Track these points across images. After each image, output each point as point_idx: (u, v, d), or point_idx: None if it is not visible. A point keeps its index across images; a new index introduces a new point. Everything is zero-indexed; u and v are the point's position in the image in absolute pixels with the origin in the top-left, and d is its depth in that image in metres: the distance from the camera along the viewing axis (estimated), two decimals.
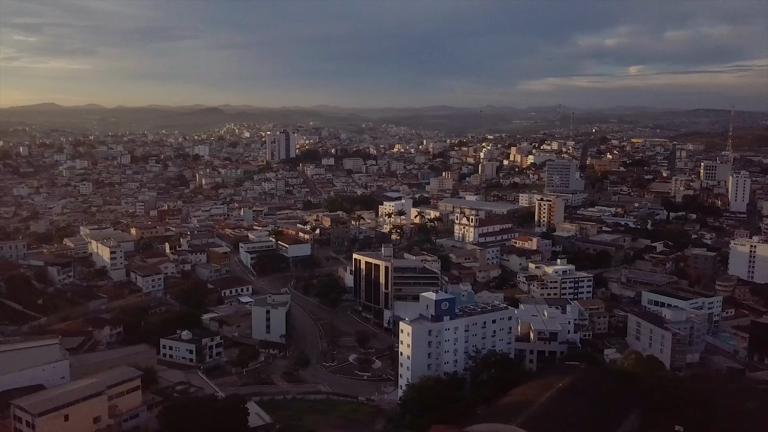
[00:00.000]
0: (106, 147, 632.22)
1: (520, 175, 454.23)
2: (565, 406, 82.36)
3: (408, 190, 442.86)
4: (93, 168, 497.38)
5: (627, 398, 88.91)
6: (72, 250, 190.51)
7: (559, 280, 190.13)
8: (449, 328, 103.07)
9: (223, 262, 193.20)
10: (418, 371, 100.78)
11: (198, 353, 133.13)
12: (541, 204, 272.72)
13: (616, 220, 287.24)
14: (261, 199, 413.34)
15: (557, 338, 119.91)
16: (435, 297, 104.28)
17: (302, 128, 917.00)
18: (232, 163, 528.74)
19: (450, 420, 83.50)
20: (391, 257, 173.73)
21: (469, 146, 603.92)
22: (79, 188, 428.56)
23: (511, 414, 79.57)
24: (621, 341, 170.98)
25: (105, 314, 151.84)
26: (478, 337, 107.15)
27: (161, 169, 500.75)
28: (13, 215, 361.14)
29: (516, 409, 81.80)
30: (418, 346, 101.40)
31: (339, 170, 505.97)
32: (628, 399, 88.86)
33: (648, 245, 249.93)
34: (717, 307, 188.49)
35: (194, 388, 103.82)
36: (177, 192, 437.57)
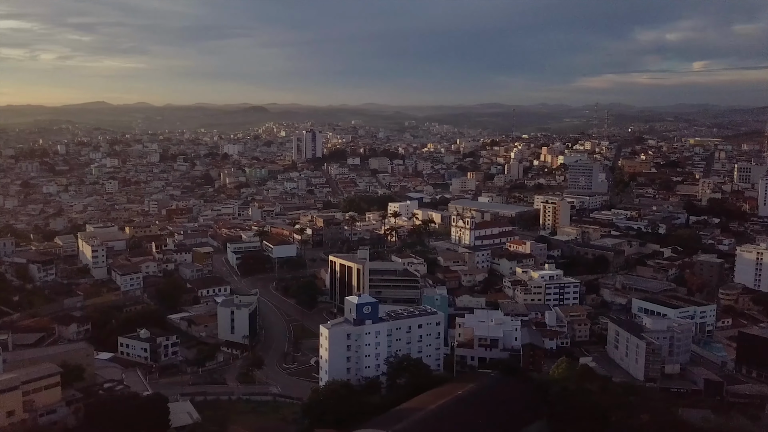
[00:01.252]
0: (142, 145, 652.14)
1: (546, 176, 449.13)
2: (454, 414, 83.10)
3: (432, 191, 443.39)
4: (122, 166, 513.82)
5: (529, 408, 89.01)
6: (60, 249, 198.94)
7: (543, 286, 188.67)
8: (370, 332, 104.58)
9: (206, 262, 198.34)
10: (336, 375, 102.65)
11: (153, 352, 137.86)
12: (546, 206, 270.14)
13: (628, 224, 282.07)
14: (281, 198, 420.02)
15: (498, 345, 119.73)
16: (356, 301, 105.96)
17: (339, 127, 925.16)
18: (259, 162, 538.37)
19: (341, 425, 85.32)
20: (366, 259, 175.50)
21: (501, 146, 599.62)
22: (105, 186, 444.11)
23: (393, 421, 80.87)
24: (601, 350, 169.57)
25: (77, 312, 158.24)
26: (402, 342, 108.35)
27: (188, 168, 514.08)
28: (39, 212, 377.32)
29: (404, 415, 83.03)
30: (336, 350, 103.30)
31: (364, 170, 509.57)
32: (530, 408, 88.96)
33: (655, 251, 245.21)
34: (710, 317, 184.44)
35: (121, 386, 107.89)
36: (201, 191, 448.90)
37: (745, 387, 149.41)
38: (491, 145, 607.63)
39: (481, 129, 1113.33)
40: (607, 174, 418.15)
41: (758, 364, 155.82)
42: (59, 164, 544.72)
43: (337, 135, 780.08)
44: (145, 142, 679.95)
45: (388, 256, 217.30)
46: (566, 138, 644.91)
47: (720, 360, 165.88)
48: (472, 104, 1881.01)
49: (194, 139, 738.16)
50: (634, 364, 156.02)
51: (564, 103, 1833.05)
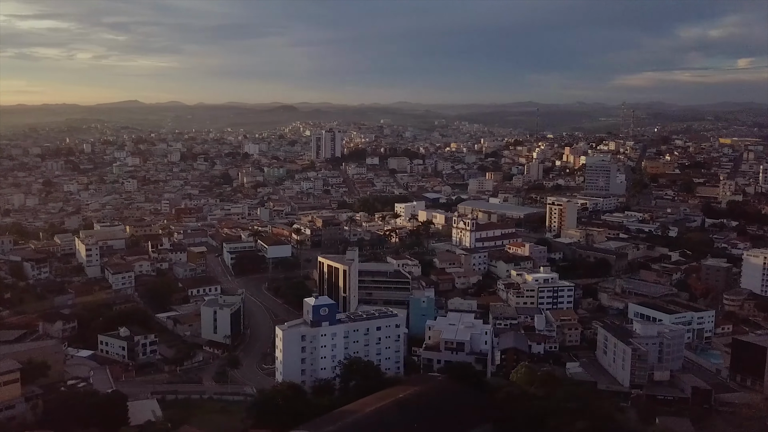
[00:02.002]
0: (166, 144, 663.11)
1: (566, 177, 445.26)
2: (389, 417, 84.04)
3: (450, 191, 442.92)
4: (142, 165, 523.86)
5: (474, 412, 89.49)
6: (59, 247, 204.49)
7: (536, 289, 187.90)
8: (326, 334, 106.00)
9: (199, 261, 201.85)
10: (290, 376, 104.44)
11: (130, 350, 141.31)
12: (552, 208, 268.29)
13: (639, 227, 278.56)
14: (297, 198, 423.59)
15: (464, 348, 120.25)
16: (313, 302, 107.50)
17: (365, 126, 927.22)
18: (278, 161, 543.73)
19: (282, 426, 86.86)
20: (354, 260, 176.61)
21: (524, 146, 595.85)
22: (124, 185, 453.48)
23: (327, 423, 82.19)
24: (591, 355, 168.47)
25: (65, 309, 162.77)
26: (360, 344, 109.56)
27: (208, 167, 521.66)
28: (59, 210, 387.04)
29: (339, 418, 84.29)
30: (290, 351, 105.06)
31: (383, 170, 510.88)
32: (474, 412, 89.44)
33: (663, 254, 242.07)
34: (708, 323, 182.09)
35: (84, 383, 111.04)
36: (219, 190, 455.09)
37: (734, 395, 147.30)
38: (514, 145, 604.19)
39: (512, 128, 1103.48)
40: (627, 175, 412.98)
41: (752, 372, 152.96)
42: (84, 163, 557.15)
43: (361, 134, 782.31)
44: (170, 141, 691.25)
45: (385, 257, 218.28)
46: (591, 138, 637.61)
47: (714, 367, 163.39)
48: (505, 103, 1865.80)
49: (219, 138, 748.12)
50: (621, 370, 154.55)
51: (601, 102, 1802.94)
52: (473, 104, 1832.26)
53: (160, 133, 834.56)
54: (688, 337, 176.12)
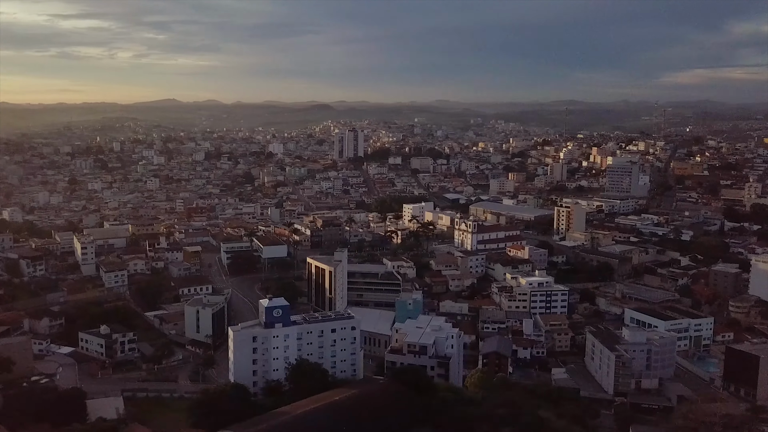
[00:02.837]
0: (195, 143, 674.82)
1: (590, 178, 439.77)
2: (319, 419, 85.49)
3: (472, 192, 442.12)
4: (167, 164, 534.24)
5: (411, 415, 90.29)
6: (58, 245, 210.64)
7: (529, 293, 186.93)
8: (278, 336, 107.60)
9: (193, 261, 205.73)
10: (241, 377, 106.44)
11: (108, 348, 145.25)
12: (560, 211, 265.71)
13: (653, 230, 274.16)
14: (315, 198, 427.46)
15: (427, 352, 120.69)
16: (266, 304, 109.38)
17: (396, 125, 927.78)
18: (301, 161, 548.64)
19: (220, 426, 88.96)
20: (341, 261, 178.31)
21: (552, 145, 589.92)
22: (147, 184, 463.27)
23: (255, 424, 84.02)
24: (580, 361, 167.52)
25: (55, 307, 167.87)
26: (314, 346, 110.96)
27: (231, 167, 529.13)
28: (82, 208, 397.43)
29: (267, 419, 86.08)
30: (241, 352, 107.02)
31: (405, 170, 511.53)
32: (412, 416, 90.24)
33: (673, 258, 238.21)
34: (707, 330, 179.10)
35: (47, 380, 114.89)
36: (240, 189, 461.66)
37: (721, 406, 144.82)
38: (542, 145, 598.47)
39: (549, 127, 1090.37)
40: (653, 176, 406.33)
41: (745, 381, 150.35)
42: (113, 161, 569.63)
43: (390, 134, 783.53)
44: (199, 140, 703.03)
45: (382, 258, 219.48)
46: (622, 138, 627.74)
47: (708, 376, 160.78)
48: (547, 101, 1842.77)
49: (248, 137, 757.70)
50: (606, 377, 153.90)
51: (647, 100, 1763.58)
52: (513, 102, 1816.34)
53: (191, 132, 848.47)
54: (684, 344, 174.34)
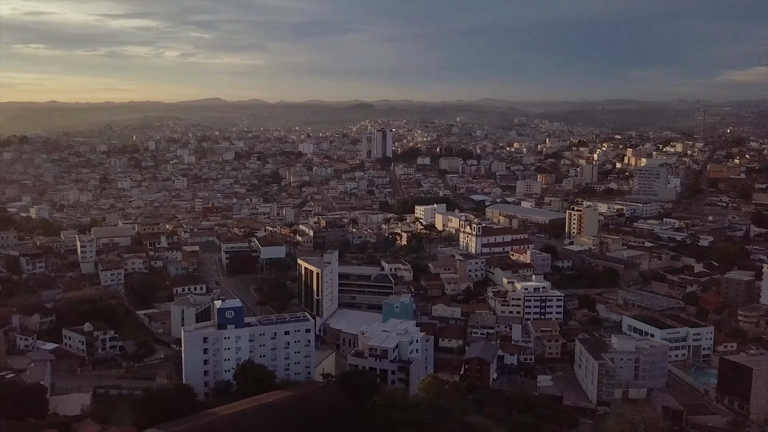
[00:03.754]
0: (229, 142, 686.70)
1: (620, 181, 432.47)
2: (244, 420, 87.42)
3: (500, 193, 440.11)
4: (197, 163, 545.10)
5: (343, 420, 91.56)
6: (62, 243, 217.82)
7: (523, 298, 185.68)
8: (229, 337, 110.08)
9: (191, 260, 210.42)
10: (192, 377, 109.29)
11: (89, 345, 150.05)
12: (571, 214, 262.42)
13: (672, 235, 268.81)
14: (339, 198, 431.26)
15: (388, 356, 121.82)
16: (219, 305, 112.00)
17: (433, 125, 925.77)
18: (329, 161, 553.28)
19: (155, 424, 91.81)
20: (330, 263, 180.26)
21: (588, 146, 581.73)
22: (175, 183, 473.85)
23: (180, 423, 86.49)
24: (569, 368, 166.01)
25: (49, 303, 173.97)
26: (267, 348, 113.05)
27: (259, 166, 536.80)
28: (110, 207, 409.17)
29: (196, 419, 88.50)
30: (192, 352, 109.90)
31: (433, 170, 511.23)
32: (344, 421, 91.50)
33: (687, 265, 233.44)
34: (707, 339, 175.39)
35: (12, 375, 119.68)
36: (266, 189, 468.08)
37: (709, 418, 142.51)
38: (577, 146, 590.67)
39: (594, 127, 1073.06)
40: (686, 179, 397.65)
41: (738, 394, 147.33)
42: (147, 160, 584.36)
43: (425, 133, 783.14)
44: (233, 139, 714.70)
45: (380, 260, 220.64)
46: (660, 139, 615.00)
47: (703, 388, 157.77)
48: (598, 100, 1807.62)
49: (282, 137, 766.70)
50: (591, 385, 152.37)
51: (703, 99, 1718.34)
52: (563, 101, 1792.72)
53: (229, 131, 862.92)
54: (682, 354, 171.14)
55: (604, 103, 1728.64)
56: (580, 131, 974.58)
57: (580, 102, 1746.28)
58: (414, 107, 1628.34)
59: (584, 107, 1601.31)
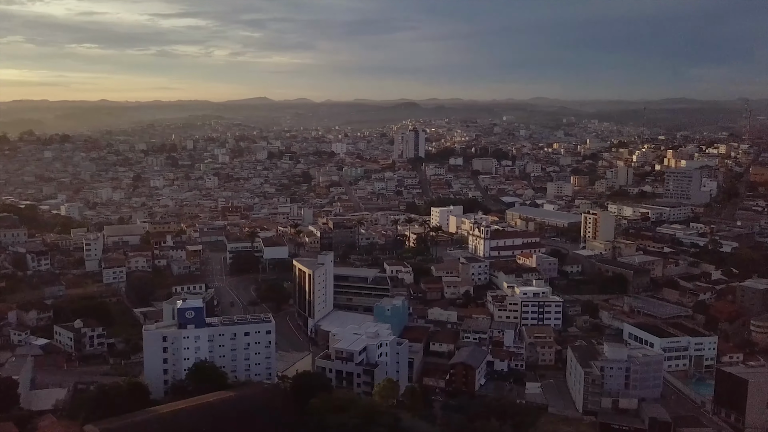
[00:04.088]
0: (266, 142, 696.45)
1: (656, 183, 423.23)
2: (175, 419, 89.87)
3: (532, 195, 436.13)
4: (230, 163, 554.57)
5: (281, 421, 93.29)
6: (71, 241, 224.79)
7: (520, 303, 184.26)
8: (189, 337, 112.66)
9: (193, 260, 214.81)
10: (152, 375, 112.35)
11: (77, 341, 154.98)
12: (587, 217, 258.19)
13: (695, 240, 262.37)
14: (366, 199, 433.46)
15: (353, 359, 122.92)
16: (179, 305, 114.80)
17: (475, 125, 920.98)
18: (361, 161, 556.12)
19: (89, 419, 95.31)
20: (323, 264, 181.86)
21: (628, 147, 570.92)
22: (206, 182, 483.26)
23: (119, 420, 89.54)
24: (562, 376, 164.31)
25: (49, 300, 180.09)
26: (226, 348, 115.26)
27: (291, 166, 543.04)
28: (141, 205, 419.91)
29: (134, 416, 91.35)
30: (151, 351, 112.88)
31: (465, 171, 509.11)
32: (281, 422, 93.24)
33: (705, 272, 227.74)
34: (709, 350, 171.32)
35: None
36: (296, 189, 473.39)
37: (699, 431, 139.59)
38: (617, 147, 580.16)
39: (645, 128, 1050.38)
40: (723, 182, 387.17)
41: (734, 406, 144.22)
42: (184, 159, 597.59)
43: (464, 133, 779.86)
44: (271, 138, 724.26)
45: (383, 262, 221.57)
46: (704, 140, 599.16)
47: (701, 400, 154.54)
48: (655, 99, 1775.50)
49: (320, 136, 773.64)
50: (579, 394, 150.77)
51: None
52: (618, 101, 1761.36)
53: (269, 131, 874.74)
54: (683, 364, 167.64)
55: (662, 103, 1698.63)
56: (630, 131, 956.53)
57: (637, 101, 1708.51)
58: (462, 106, 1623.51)
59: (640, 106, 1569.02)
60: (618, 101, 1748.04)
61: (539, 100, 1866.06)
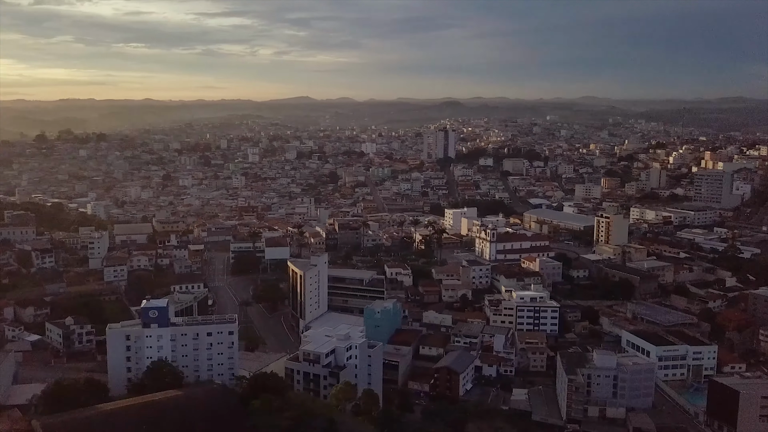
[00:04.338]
0: (299, 142, 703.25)
1: (689, 186, 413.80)
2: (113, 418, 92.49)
3: (561, 197, 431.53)
4: (259, 162, 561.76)
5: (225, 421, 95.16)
6: (79, 239, 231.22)
7: (515, 308, 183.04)
8: (151, 336, 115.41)
9: (195, 259, 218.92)
10: (115, 374, 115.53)
11: (66, 338, 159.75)
12: (599, 221, 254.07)
13: (714, 245, 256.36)
14: (391, 199, 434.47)
15: (320, 361, 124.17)
16: (143, 304, 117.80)
17: (514, 124, 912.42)
18: (390, 161, 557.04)
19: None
20: (316, 266, 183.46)
21: (666, 148, 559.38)
22: (233, 181, 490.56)
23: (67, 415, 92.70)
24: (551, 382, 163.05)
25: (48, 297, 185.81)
26: (188, 348, 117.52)
27: (319, 166, 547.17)
28: (168, 204, 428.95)
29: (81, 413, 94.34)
30: (114, 350, 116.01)
31: (495, 172, 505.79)
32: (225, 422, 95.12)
33: (719, 278, 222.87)
34: (709, 359, 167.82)
35: None
36: (322, 189, 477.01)
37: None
38: (655, 148, 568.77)
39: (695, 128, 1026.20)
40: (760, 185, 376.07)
41: (726, 419, 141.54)
42: (217, 158, 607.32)
43: (501, 133, 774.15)
44: (305, 138, 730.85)
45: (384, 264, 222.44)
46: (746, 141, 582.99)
47: (694, 411, 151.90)
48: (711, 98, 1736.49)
49: (353, 136, 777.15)
50: (563, 401, 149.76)
51: None
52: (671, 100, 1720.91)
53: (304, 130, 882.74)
54: (681, 374, 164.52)
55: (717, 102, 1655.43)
56: (678, 131, 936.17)
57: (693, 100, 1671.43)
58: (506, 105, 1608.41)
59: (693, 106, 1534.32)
60: (670, 100, 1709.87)
61: (588, 99, 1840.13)
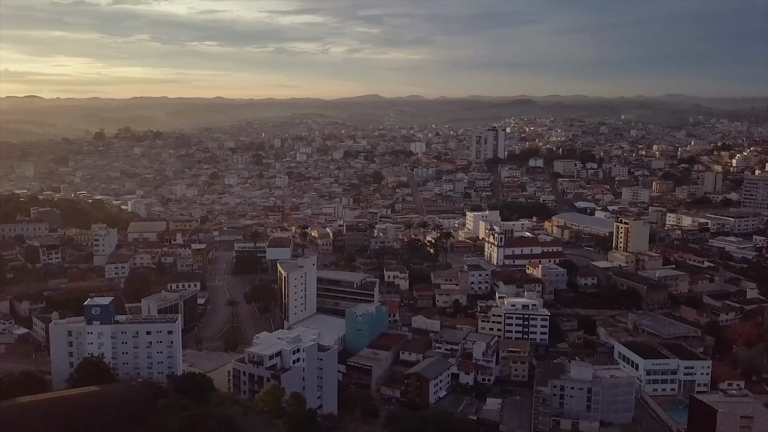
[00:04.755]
0: (353, 141, 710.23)
1: None
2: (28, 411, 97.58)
3: (611, 200, 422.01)
4: (304, 162, 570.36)
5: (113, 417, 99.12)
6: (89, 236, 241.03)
7: (503, 315, 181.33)
8: (92, 333, 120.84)
9: (197, 258, 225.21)
10: (58, 369, 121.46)
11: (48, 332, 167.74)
12: (618, 227, 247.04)
13: (745, 255, 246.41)
14: (431, 201, 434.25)
15: (264, 363, 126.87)
16: (87, 302, 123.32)
17: (581, 124, 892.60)
18: (438, 161, 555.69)
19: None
20: (302, 267, 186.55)
21: (731, 150, 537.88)
22: (276, 181, 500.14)
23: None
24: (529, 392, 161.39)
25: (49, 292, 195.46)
26: (129, 346, 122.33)
27: (364, 166, 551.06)
28: (211, 202, 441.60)
29: None
30: (56, 345, 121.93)
31: (544, 173, 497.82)
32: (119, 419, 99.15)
33: (740, 290, 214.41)
34: (702, 374, 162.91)
35: None
36: (363, 189, 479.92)
37: None
38: (719, 150, 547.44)
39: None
40: None
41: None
42: (269, 157, 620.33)
43: (563, 133, 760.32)
44: (358, 137, 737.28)
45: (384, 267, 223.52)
46: None
47: (676, 428, 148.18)
48: None
49: (409, 135, 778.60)
50: None
51: None
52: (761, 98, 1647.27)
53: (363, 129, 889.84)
54: (672, 389, 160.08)
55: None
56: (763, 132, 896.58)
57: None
58: (583, 103, 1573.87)
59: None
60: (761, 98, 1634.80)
61: (672, 98, 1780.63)
